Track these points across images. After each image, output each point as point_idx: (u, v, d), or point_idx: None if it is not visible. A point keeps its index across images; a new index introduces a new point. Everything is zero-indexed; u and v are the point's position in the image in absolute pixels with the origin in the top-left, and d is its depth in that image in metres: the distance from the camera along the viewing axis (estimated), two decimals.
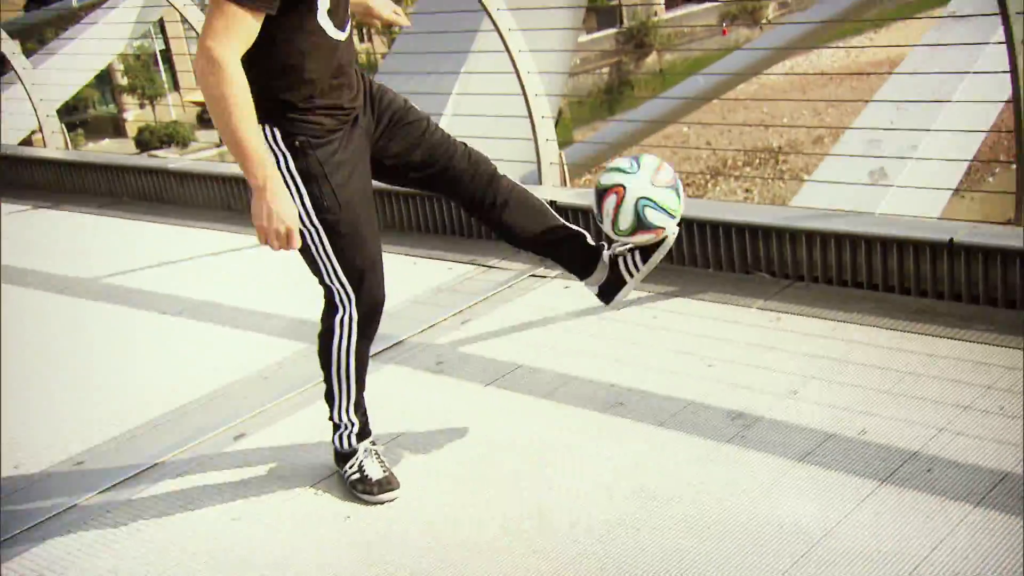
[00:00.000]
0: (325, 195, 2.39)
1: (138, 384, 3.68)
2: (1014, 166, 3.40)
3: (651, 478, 2.60)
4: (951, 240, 3.26)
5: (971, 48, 4.95)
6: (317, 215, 2.41)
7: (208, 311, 4.28)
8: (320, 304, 2.63)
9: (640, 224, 2.50)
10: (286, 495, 2.79)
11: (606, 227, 2.54)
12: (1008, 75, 3.33)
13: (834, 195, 4.68)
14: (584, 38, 29.21)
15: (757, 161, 23.28)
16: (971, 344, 2.99)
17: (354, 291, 2.53)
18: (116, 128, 31.98)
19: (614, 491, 2.57)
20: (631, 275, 2.65)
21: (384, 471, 2.70)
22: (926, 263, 3.31)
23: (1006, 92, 3.41)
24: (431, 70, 6.37)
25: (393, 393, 3.27)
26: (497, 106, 4.82)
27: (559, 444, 2.83)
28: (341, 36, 2.35)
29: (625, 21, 32.76)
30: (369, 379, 2.74)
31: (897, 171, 6.03)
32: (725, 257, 3.79)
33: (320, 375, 2.70)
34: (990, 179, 19.17)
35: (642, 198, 2.48)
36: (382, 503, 2.66)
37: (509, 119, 4.74)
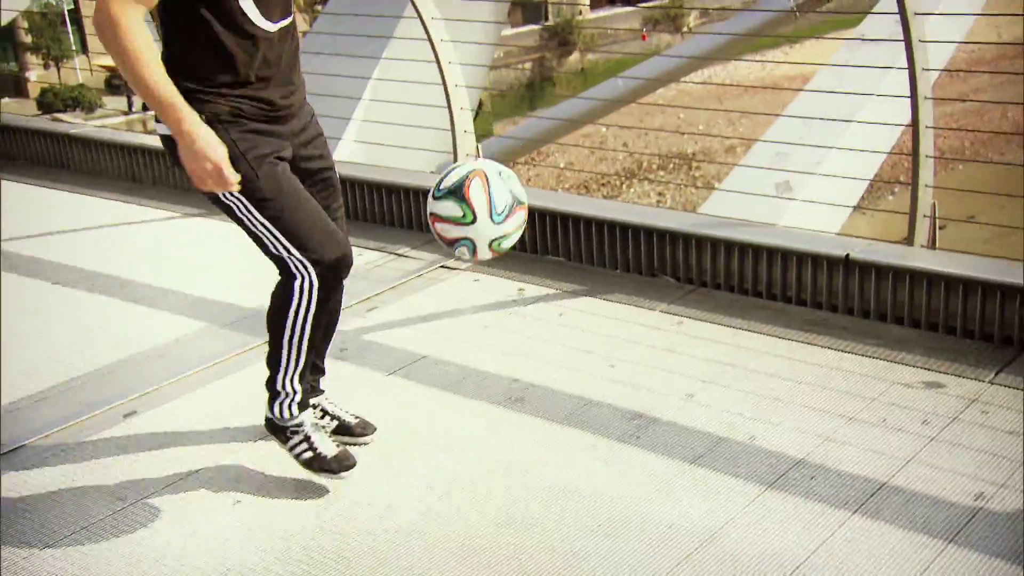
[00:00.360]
0: (239, 163, 2.31)
1: (26, 356, 3.54)
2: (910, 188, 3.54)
3: (547, 474, 2.62)
4: (847, 256, 3.37)
5: (877, 71, 5.13)
6: (240, 188, 2.33)
7: (104, 284, 4.14)
8: (228, 286, 2.58)
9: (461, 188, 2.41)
10: (174, 477, 2.72)
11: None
12: (909, 100, 3.46)
13: (741, 205, 4.80)
14: (508, 32, 29.25)
15: (671, 166, 23.69)
16: (860, 357, 3.10)
17: (307, 255, 2.39)
18: (17, 88, 30.62)
19: (508, 486, 2.58)
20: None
21: (337, 445, 2.59)
22: (823, 276, 3.43)
23: (907, 116, 3.55)
24: (351, 52, 6.29)
25: None
26: (417, 94, 4.79)
27: (457, 436, 2.84)
28: (270, 27, 2.29)
29: (550, 18, 32.91)
30: (260, 367, 2.68)
31: (802, 185, 6.21)
32: (633, 259, 3.85)
33: (237, 346, 2.64)
34: (890, 197, 19.93)
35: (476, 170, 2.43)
36: (343, 479, 2.55)
37: (428, 108, 4.71)
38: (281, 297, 2.45)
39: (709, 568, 2.23)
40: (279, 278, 2.46)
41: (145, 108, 2.76)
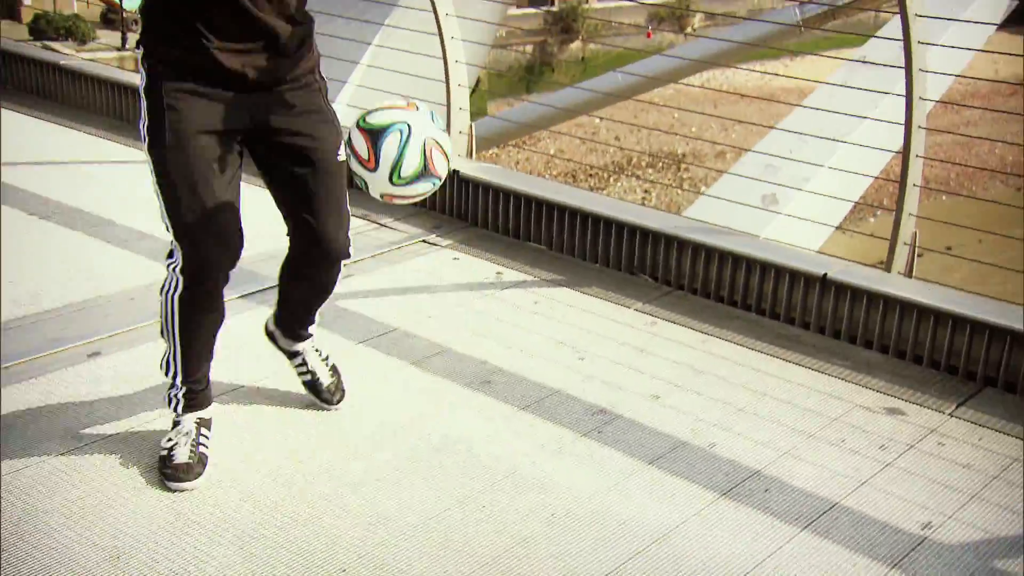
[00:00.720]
0: (158, 125, 2.27)
1: None
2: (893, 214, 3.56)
3: (505, 459, 2.63)
4: (825, 275, 3.40)
5: (875, 94, 5.16)
6: (150, 146, 2.31)
7: (80, 220, 4.10)
8: None
9: (425, 170, 2.16)
10: (132, 423, 2.71)
11: (381, 172, 2.15)
12: (903, 127, 3.48)
13: (726, 212, 4.81)
14: (514, 12, 29.08)
15: (660, 165, 23.71)
16: (827, 376, 3.13)
17: (179, 244, 2.33)
18: (11, 11, 30.05)
19: (463, 467, 2.59)
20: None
21: (189, 457, 2.46)
22: (799, 293, 3.45)
23: (899, 143, 3.58)
24: (354, 16, 6.23)
25: (261, 336, 3.21)
26: (415, 66, 4.75)
27: (415, 413, 2.84)
28: None
29: (556, 3, 32.75)
30: (240, 319, 2.68)
31: (788, 199, 6.25)
32: (613, 255, 3.86)
33: None
34: (871, 219, 20.07)
35: (431, 138, 2.15)
36: (172, 491, 2.43)
37: (425, 80, 4.68)
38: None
39: (656, 567, 2.25)
40: None
41: (138, 46, 2.67)
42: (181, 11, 2.22)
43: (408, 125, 2.14)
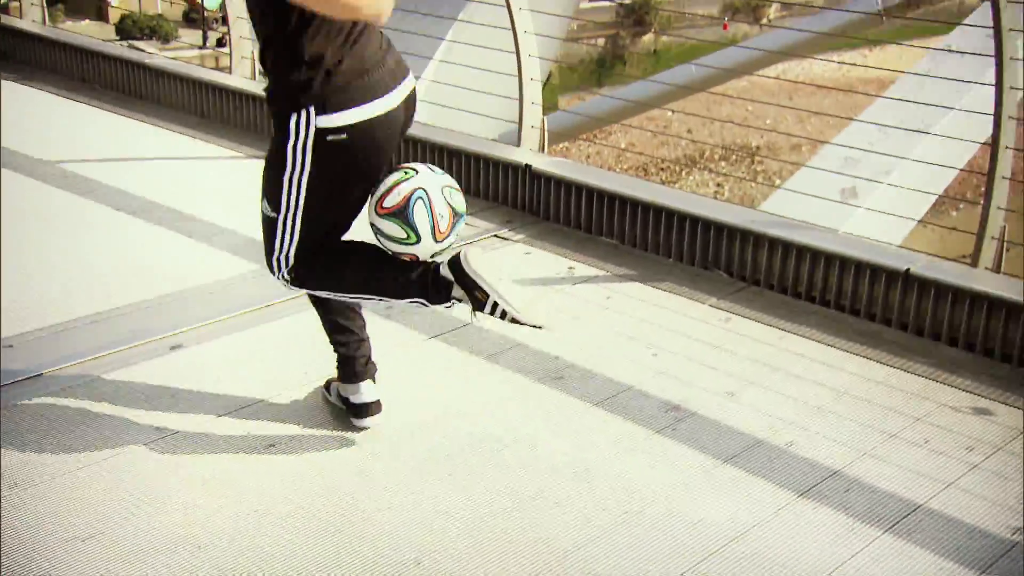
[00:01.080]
0: None
1: (79, 277, 3.61)
2: (979, 207, 3.45)
3: (577, 456, 2.62)
4: (908, 270, 3.30)
5: (961, 84, 4.99)
6: None
7: (162, 215, 4.20)
8: None
9: (455, 215, 2.40)
10: (214, 415, 2.77)
11: (425, 242, 2.35)
12: (991, 117, 3.36)
13: (803, 206, 4.71)
14: (586, 5, 28.93)
15: (734, 158, 23.34)
16: (909, 375, 3.04)
17: None
18: (99, 11, 31.01)
19: (534, 462, 2.58)
20: None
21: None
22: (880, 288, 3.36)
23: (986, 133, 3.45)
24: (427, 11, 6.28)
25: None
26: (488, 59, 4.76)
27: (489, 408, 2.84)
28: None
29: None
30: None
31: (868, 193, 6.10)
32: (687, 249, 3.81)
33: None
34: (953, 213, 19.46)
35: (447, 186, 2.39)
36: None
37: (497, 75, 4.68)
38: None
39: (733, 567, 2.21)
40: None
41: (219, 44, 2.72)
42: None
43: (424, 189, 2.34)
